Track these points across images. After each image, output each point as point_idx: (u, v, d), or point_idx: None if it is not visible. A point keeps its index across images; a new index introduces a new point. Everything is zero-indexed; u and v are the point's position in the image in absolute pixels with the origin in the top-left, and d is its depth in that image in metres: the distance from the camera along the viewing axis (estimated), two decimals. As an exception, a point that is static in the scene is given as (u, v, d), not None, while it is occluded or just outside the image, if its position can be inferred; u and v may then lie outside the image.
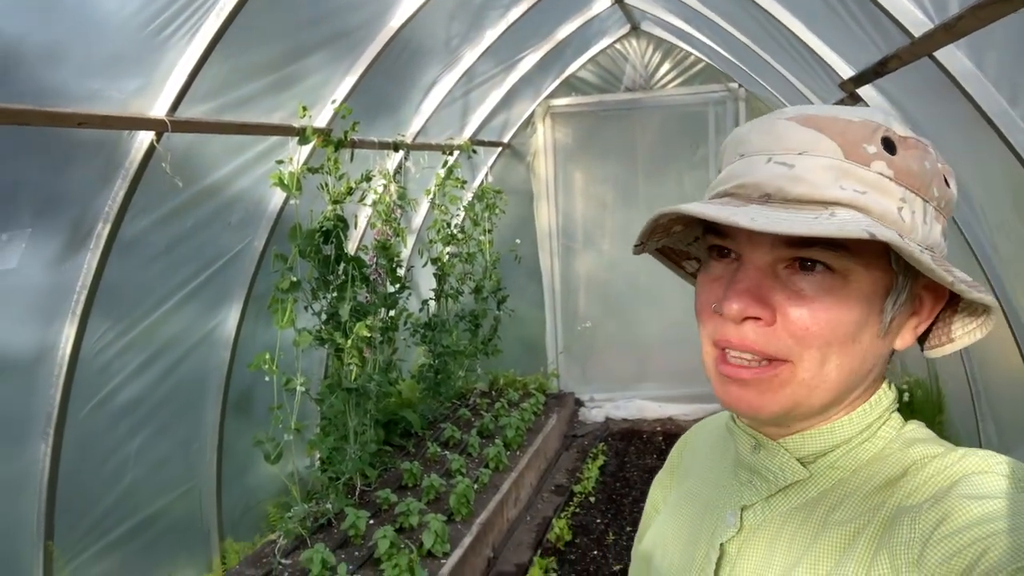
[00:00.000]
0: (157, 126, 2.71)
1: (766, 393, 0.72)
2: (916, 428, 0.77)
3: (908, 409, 5.52)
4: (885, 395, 0.78)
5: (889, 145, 0.69)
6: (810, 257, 0.69)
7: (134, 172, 2.82)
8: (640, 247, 0.82)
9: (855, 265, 0.69)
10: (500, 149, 6.94)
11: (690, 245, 0.90)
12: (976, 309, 0.74)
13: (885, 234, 0.63)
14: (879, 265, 0.70)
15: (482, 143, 6.38)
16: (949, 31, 1.78)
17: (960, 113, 2.28)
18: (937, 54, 2.04)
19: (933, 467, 0.70)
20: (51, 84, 2.28)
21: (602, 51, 6.73)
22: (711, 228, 0.75)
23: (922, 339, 0.79)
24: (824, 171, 0.68)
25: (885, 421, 0.77)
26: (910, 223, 0.69)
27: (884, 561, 0.65)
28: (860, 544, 0.69)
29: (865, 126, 0.70)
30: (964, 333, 0.75)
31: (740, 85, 6.45)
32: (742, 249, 0.73)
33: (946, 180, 0.73)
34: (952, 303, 0.76)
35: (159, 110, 2.74)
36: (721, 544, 0.81)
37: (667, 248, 0.89)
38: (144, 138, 2.79)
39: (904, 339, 0.75)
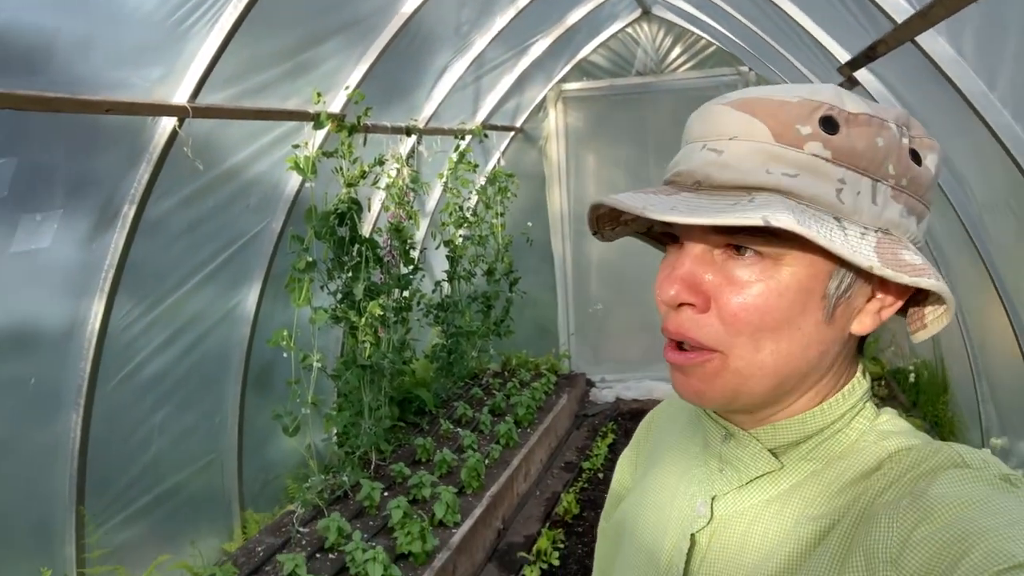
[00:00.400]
0: (179, 112, 2.85)
1: (703, 381, 0.73)
2: (890, 419, 0.76)
3: (915, 390, 5.61)
4: (859, 384, 0.76)
5: (829, 124, 0.67)
6: (738, 243, 0.69)
7: (158, 156, 2.96)
8: (598, 235, 0.84)
9: (787, 250, 0.68)
10: (512, 133, 7.05)
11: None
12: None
13: (783, 220, 0.62)
14: (818, 249, 0.67)
15: (494, 127, 6.49)
16: (924, 18, 1.87)
17: (945, 97, 2.37)
18: (919, 39, 2.13)
19: (908, 461, 0.68)
20: (81, 73, 2.42)
21: (613, 35, 6.80)
22: None
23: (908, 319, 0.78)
24: (751, 156, 0.68)
25: (859, 412, 0.75)
26: (851, 205, 0.67)
27: (859, 558, 0.64)
28: (834, 539, 0.68)
29: (803, 106, 0.68)
30: (934, 318, 0.72)
31: (750, 69, 6.50)
32: (685, 236, 0.73)
33: (916, 156, 0.70)
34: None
35: (181, 97, 2.88)
36: (692, 534, 0.80)
37: (660, 233, 0.87)
38: (167, 124, 2.93)
39: (863, 324, 0.72)
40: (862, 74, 3.22)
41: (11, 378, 2.89)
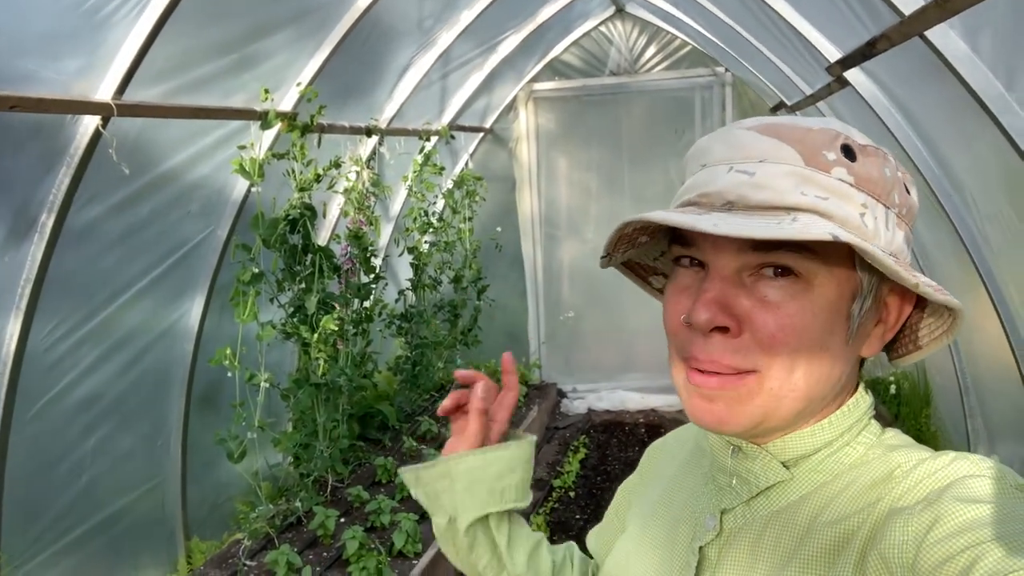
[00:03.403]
0: (102, 110, 2.55)
1: (734, 406, 0.71)
2: (895, 435, 0.77)
3: (896, 402, 5.43)
4: (863, 398, 0.77)
5: (849, 152, 0.70)
6: (776, 262, 0.69)
7: (79, 159, 2.65)
8: (607, 259, 0.82)
9: (820, 269, 0.69)
10: (481, 135, 6.78)
11: (656, 260, 0.90)
12: (942, 314, 0.74)
13: (848, 236, 0.64)
14: (844, 270, 0.70)
15: (462, 128, 6.22)
16: (942, 7, 1.64)
17: (952, 97, 2.15)
18: (928, 34, 1.90)
19: (924, 469, 0.69)
20: (-25, 64, 2.12)
21: (586, 34, 6.56)
22: (677, 238, 0.75)
23: (888, 348, 0.79)
24: (785, 177, 0.68)
25: (865, 426, 0.77)
26: (873, 229, 0.69)
27: (877, 563, 0.64)
28: (853, 547, 0.68)
29: (824, 133, 0.70)
30: (932, 340, 0.75)
31: (727, 69, 6.30)
32: (707, 258, 0.72)
33: (907, 188, 0.74)
34: (918, 309, 0.76)
35: (104, 93, 2.57)
36: (701, 548, 0.80)
37: (633, 263, 0.89)
38: (90, 123, 2.62)
39: (871, 347, 0.75)
40: (853, 74, 3.00)
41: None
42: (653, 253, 0.89)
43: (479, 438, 1.01)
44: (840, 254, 0.69)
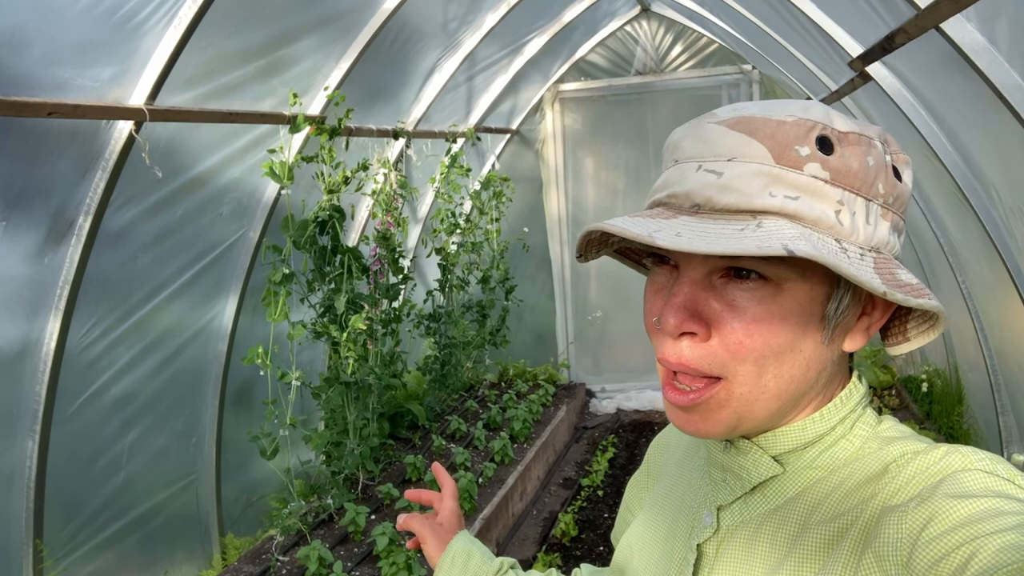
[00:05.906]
0: (135, 115, 2.63)
1: (708, 415, 0.72)
2: (892, 425, 0.75)
3: (927, 400, 5.36)
4: (856, 389, 0.76)
5: (825, 144, 0.66)
6: (742, 267, 0.68)
7: (114, 162, 2.74)
8: (582, 258, 0.82)
9: (790, 273, 0.67)
10: (508, 136, 6.83)
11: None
12: (927, 310, 0.72)
13: (804, 250, 0.61)
14: (817, 272, 0.68)
15: (489, 130, 6.26)
16: (955, 0, 1.64)
17: (972, 90, 2.14)
18: (944, 26, 1.90)
19: (916, 465, 0.68)
20: (15, 73, 2.20)
21: (611, 34, 6.58)
22: None
23: (883, 334, 0.78)
24: (753, 178, 0.66)
25: (859, 417, 0.75)
26: (849, 226, 0.66)
27: (871, 562, 0.64)
28: (846, 544, 0.67)
29: (799, 125, 0.67)
30: (919, 333, 0.74)
31: (753, 67, 6.28)
32: (679, 259, 0.71)
33: (897, 173, 0.71)
34: None
35: (137, 99, 2.66)
36: (698, 545, 0.80)
37: (625, 248, 0.87)
38: (123, 127, 2.71)
39: (855, 341, 0.73)
40: (875, 68, 2.99)
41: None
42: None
43: (455, 518, 1.18)
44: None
